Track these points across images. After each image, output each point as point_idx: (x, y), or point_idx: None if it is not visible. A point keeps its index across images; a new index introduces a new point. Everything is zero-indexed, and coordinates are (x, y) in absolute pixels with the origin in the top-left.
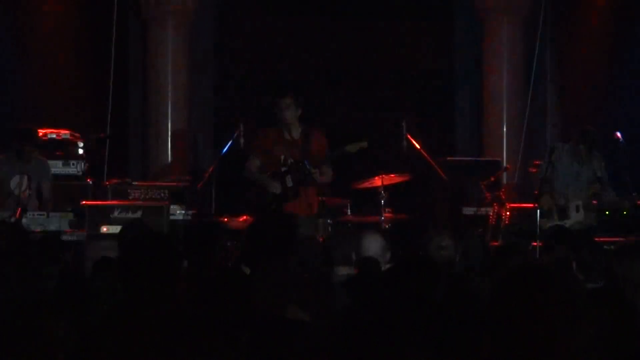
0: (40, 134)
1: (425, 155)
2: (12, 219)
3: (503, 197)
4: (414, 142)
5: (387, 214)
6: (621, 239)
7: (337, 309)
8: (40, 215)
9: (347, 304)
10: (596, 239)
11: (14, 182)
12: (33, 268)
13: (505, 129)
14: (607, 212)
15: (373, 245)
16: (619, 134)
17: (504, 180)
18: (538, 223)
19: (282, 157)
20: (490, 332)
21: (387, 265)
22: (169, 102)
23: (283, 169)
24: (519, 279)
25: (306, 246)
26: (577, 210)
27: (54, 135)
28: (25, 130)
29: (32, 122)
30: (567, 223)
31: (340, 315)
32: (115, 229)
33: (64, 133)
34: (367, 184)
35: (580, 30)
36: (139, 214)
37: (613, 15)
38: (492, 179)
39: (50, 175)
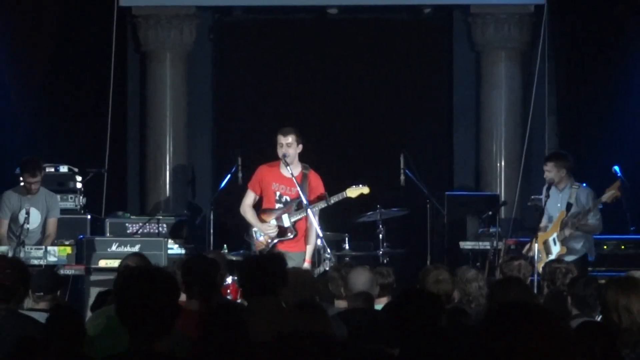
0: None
1: (423, 189)
2: (10, 253)
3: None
4: (412, 176)
5: (385, 248)
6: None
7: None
8: (38, 249)
9: (344, 336)
10: (593, 273)
11: (21, 215)
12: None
13: (503, 163)
14: (605, 247)
15: (361, 280)
16: (617, 169)
17: (502, 215)
18: (536, 258)
19: (278, 193)
20: None
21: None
22: (167, 136)
23: (277, 205)
24: (504, 315)
25: (301, 281)
26: (555, 243)
27: (52, 170)
28: (25, 161)
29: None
30: (551, 258)
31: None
32: (114, 263)
33: (62, 167)
34: (365, 218)
35: (579, 63)
36: (137, 248)
37: (611, 47)
38: (490, 213)
39: (57, 211)
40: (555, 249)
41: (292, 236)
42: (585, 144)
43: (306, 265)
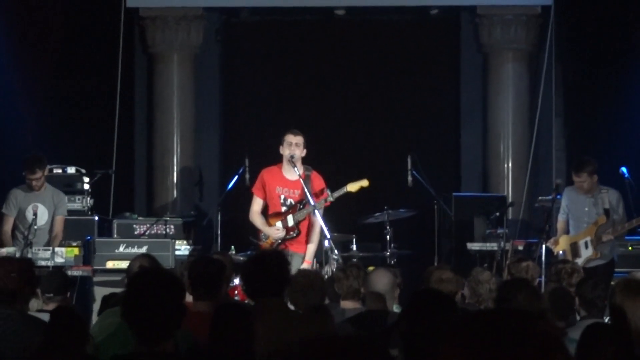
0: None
1: (431, 190)
2: (18, 254)
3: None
4: (419, 177)
5: (392, 249)
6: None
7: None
8: (46, 250)
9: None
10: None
11: (28, 214)
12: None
13: (510, 164)
14: (630, 248)
15: (382, 281)
16: (624, 170)
17: (509, 216)
18: (543, 259)
19: (282, 197)
20: None
21: (395, 302)
22: (175, 138)
23: (283, 208)
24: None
25: (310, 283)
26: (586, 247)
27: (60, 171)
28: (25, 158)
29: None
30: (580, 261)
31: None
32: (121, 264)
33: (70, 169)
34: (372, 219)
35: (586, 64)
36: (144, 250)
37: (618, 47)
38: (498, 214)
39: (64, 210)
40: (587, 253)
41: (295, 234)
42: (592, 145)
43: (305, 266)
